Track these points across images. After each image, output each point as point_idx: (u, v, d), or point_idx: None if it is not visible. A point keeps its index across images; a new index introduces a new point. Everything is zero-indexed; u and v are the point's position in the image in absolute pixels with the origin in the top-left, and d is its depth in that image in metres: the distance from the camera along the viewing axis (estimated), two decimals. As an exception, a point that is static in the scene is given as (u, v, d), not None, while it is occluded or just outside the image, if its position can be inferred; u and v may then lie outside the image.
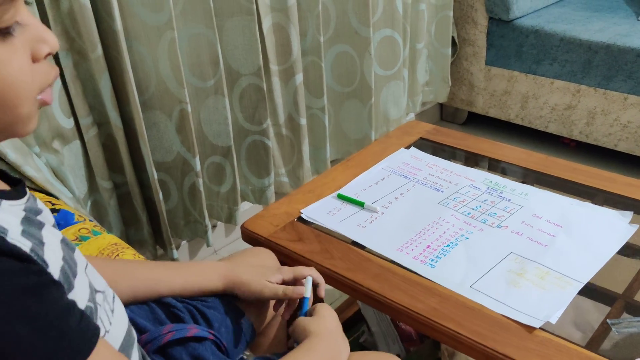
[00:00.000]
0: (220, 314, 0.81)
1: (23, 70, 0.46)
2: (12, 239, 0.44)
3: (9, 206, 0.48)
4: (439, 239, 0.99)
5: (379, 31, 1.83)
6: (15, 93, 0.45)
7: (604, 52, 1.88)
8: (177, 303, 0.79)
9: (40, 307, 0.44)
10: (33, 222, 0.50)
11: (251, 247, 1.02)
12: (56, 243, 0.52)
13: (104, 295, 0.60)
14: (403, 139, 1.36)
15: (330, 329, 0.74)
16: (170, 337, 0.73)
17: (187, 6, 1.33)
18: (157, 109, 1.37)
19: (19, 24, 0.45)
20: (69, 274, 0.51)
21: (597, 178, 1.14)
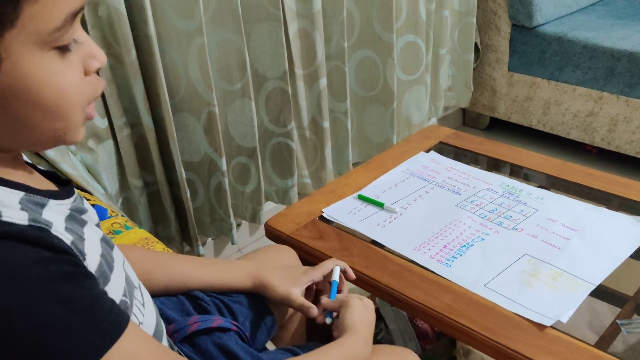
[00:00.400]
0: (246, 309, 0.85)
1: (76, 82, 0.50)
2: (56, 232, 0.49)
3: (55, 205, 0.53)
4: (455, 240, 1.03)
5: (402, 37, 1.86)
6: (68, 102, 0.50)
7: (626, 60, 1.89)
8: (204, 296, 0.83)
9: (74, 292, 0.48)
10: (76, 219, 0.54)
11: (274, 244, 1.06)
12: (96, 240, 0.56)
13: (140, 291, 0.65)
14: (423, 143, 1.39)
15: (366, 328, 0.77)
16: (196, 327, 0.77)
17: (216, 13, 1.38)
18: (187, 111, 1.43)
19: (75, 42, 0.50)
20: (106, 269, 0.56)
21: (612, 184, 1.17)
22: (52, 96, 0.49)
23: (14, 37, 0.45)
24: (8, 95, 0.47)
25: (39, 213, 0.49)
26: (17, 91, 0.47)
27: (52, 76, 0.48)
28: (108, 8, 1.19)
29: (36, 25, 0.46)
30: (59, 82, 0.49)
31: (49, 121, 0.50)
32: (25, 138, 0.51)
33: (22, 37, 0.45)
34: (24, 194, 0.50)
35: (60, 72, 0.49)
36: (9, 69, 0.46)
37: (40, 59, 0.47)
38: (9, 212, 0.47)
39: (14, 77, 0.46)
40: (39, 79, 0.47)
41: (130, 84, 1.29)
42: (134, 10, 1.24)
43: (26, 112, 0.48)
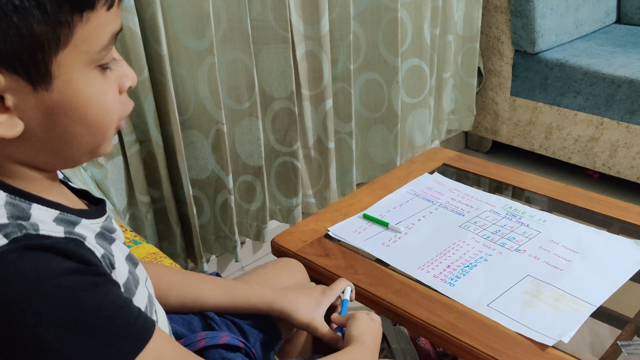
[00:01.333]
0: (255, 331, 0.86)
1: (115, 99, 0.53)
2: (89, 244, 0.52)
3: (88, 224, 0.55)
4: (459, 260, 1.04)
5: (407, 60, 1.90)
6: (109, 118, 0.53)
7: (627, 87, 1.92)
8: (214, 316, 0.84)
9: (103, 299, 0.50)
10: (106, 237, 0.57)
11: (282, 259, 1.08)
12: (122, 258, 0.58)
13: (155, 308, 0.67)
14: (427, 165, 1.42)
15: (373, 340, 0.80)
16: (205, 344, 0.78)
17: (226, 33, 1.42)
18: (195, 128, 1.45)
19: (114, 60, 0.53)
20: (132, 285, 0.58)
21: (613, 207, 1.19)
22: (97, 113, 0.51)
23: (66, 56, 0.48)
24: (58, 112, 0.49)
25: (72, 229, 0.52)
26: (67, 108, 0.49)
27: (98, 94, 0.51)
28: (122, 27, 1.22)
29: (87, 46, 0.48)
30: (103, 100, 0.51)
31: (90, 136, 0.52)
32: (66, 154, 0.53)
33: (73, 57, 0.48)
34: (58, 212, 0.52)
35: (103, 90, 0.51)
36: (61, 87, 0.48)
37: (88, 78, 0.50)
38: (46, 226, 0.49)
39: (65, 95, 0.49)
40: (86, 97, 0.50)
41: (141, 102, 1.31)
42: (147, 30, 1.27)
43: (72, 128, 0.50)
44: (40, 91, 0.47)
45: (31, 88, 0.47)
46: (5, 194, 0.49)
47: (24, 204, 0.50)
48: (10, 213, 0.49)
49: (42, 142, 0.50)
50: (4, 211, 0.48)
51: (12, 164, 0.51)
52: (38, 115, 0.48)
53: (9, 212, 0.49)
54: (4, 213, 0.48)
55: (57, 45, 0.47)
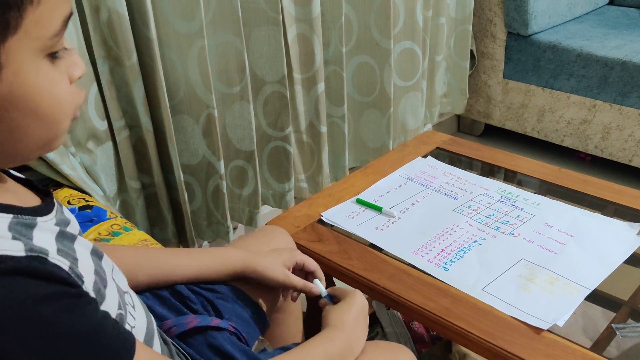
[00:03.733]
0: (230, 304, 0.84)
1: (67, 90, 0.50)
2: (52, 258, 0.48)
3: (43, 223, 0.51)
4: (453, 244, 1.04)
5: (399, 43, 1.88)
6: (63, 110, 0.49)
7: (619, 69, 1.91)
8: (190, 294, 0.82)
9: (80, 325, 0.47)
10: (66, 236, 0.53)
11: (265, 226, 1.06)
12: (87, 255, 0.55)
13: (129, 294, 0.64)
14: (420, 148, 1.41)
15: (350, 321, 0.78)
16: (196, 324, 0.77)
17: (216, 16, 1.39)
18: (185, 113, 1.43)
19: (64, 49, 0.49)
20: (100, 286, 0.55)
21: (607, 190, 1.18)
22: (50, 105, 0.48)
23: (15, 43, 0.44)
24: (6, 106, 0.45)
25: (30, 237, 0.48)
26: (16, 100, 0.45)
27: (49, 85, 0.47)
28: (109, 11, 1.19)
29: (38, 31, 0.45)
30: (55, 91, 0.48)
31: (43, 130, 0.48)
32: (15, 150, 0.49)
33: (24, 43, 0.44)
34: (12, 216, 0.48)
35: (55, 80, 0.48)
36: (10, 78, 0.44)
37: (39, 67, 0.46)
38: (3, 244, 0.45)
39: (14, 86, 0.45)
40: (37, 88, 0.46)
41: (129, 87, 1.29)
42: (135, 13, 1.24)
43: (22, 122, 0.47)
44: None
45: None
46: None
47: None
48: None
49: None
50: None
51: None
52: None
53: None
54: None
55: (5, 30, 0.43)
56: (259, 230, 1.03)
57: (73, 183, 1.19)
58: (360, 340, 0.79)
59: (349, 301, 0.81)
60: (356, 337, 0.78)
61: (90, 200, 1.17)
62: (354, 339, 0.78)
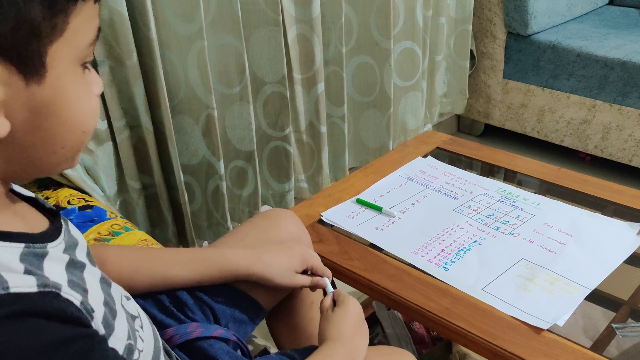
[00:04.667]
0: (229, 309, 0.82)
1: (96, 102, 0.50)
2: (65, 293, 0.46)
3: (53, 251, 0.49)
4: (453, 244, 1.04)
5: (399, 43, 1.88)
6: (93, 122, 0.50)
7: (619, 69, 1.91)
8: (188, 299, 0.80)
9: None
10: (76, 265, 0.52)
11: (269, 210, 0.98)
12: (96, 285, 0.54)
13: (140, 318, 0.63)
14: (420, 148, 1.41)
15: (349, 331, 0.75)
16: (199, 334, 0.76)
17: (216, 17, 1.39)
18: (185, 114, 1.43)
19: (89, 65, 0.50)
20: (110, 318, 0.53)
21: (606, 190, 1.19)
22: (84, 114, 0.48)
23: (59, 48, 0.45)
24: (46, 112, 0.45)
25: (42, 269, 0.46)
26: (56, 106, 0.46)
27: (84, 94, 0.48)
28: (110, 11, 1.19)
29: (78, 39, 0.46)
30: (90, 102, 0.49)
31: (75, 141, 0.48)
32: (44, 161, 0.48)
33: (65, 50, 0.45)
34: (23, 246, 0.46)
35: (87, 91, 0.49)
36: (53, 81, 0.45)
37: (76, 76, 0.47)
38: (15, 280, 0.43)
39: (55, 91, 0.45)
40: (75, 96, 0.47)
41: (130, 87, 1.29)
42: (136, 13, 1.25)
43: (58, 130, 0.47)
44: (31, 85, 0.44)
45: (23, 82, 0.43)
46: None
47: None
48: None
49: (20, 148, 0.46)
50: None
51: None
52: (25, 115, 0.44)
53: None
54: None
55: (52, 34, 0.44)
56: (260, 216, 0.95)
57: (73, 183, 1.19)
58: (361, 350, 0.76)
59: (345, 309, 0.78)
60: (356, 348, 0.75)
61: (90, 200, 1.17)
62: (354, 350, 0.75)
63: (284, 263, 0.82)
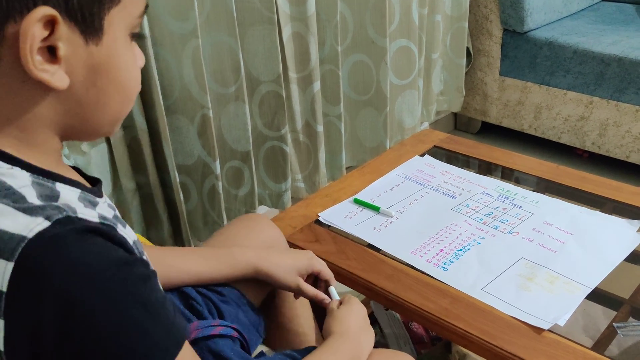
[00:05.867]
0: (234, 309, 0.84)
1: (139, 71, 0.54)
2: (120, 231, 0.51)
3: (102, 204, 0.53)
4: (452, 243, 1.03)
5: (395, 41, 1.87)
6: (137, 88, 0.54)
7: (616, 65, 1.91)
8: (196, 295, 0.81)
9: (151, 295, 0.49)
10: (119, 220, 0.55)
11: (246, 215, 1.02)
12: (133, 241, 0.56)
13: None
14: (417, 147, 1.40)
15: (355, 327, 0.77)
16: (195, 335, 0.76)
17: (211, 16, 1.38)
18: (180, 113, 1.42)
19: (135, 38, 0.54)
20: None
21: (605, 187, 1.18)
22: (132, 79, 0.52)
23: (116, 14, 0.49)
24: (101, 71, 0.49)
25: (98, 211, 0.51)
26: (109, 67, 0.50)
27: (132, 61, 0.52)
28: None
29: (132, 7, 0.50)
30: (135, 69, 0.53)
31: (120, 103, 0.53)
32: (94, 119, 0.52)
33: (121, 16, 0.49)
34: (80, 191, 0.51)
35: (134, 59, 0.53)
36: (109, 44, 0.49)
37: (126, 42, 0.51)
38: (80, 209, 0.48)
39: (110, 53, 0.49)
40: (125, 61, 0.51)
41: (124, 87, 1.28)
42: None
43: (109, 89, 0.51)
44: (90, 45, 0.48)
45: (83, 41, 0.48)
46: (29, 173, 0.48)
47: (49, 183, 0.49)
48: (39, 193, 0.47)
49: (77, 103, 0.50)
50: (33, 191, 0.47)
51: (40, 128, 0.50)
52: (83, 71, 0.49)
53: (38, 192, 0.47)
54: (33, 193, 0.46)
55: (111, 1, 0.48)
56: (239, 220, 0.99)
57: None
58: (366, 347, 0.77)
59: (350, 307, 0.80)
60: (361, 344, 0.77)
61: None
62: (359, 346, 0.76)
63: (290, 264, 0.85)
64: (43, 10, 0.44)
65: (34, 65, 0.45)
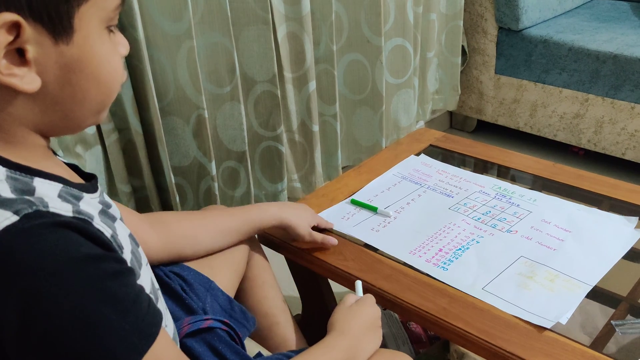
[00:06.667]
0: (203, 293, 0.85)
1: (121, 62, 0.54)
2: (97, 224, 0.51)
3: (89, 199, 0.54)
4: (450, 243, 1.02)
5: (390, 40, 1.87)
6: (118, 79, 0.54)
7: (611, 62, 1.91)
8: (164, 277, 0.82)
9: (120, 290, 0.49)
10: (108, 215, 0.56)
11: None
12: (125, 237, 0.57)
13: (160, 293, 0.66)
14: (413, 146, 1.39)
15: (357, 327, 0.76)
16: (188, 330, 0.76)
17: (205, 16, 1.37)
18: (175, 114, 1.41)
19: (115, 26, 0.54)
20: (136, 265, 0.57)
21: (602, 185, 1.17)
22: (109, 72, 0.52)
23: (87, 10, 0.48)
24: (74, 68, 0.49)
25: (78, 206, 0.51)
26: (82, 64, 0.50)
27: (109, 54, 0.52)
28: None
29: (104, 2, 0.50)
30: (114, 60, 0.53)
31: (100, 95, 0.53)
32: (74, 114, 0.53)
33: (92, 12, 0.49)
34: (62, 186, 0.51)
35: (112, 51, 0.53)
36: (80, 42, 0.49)
37: (101, 36, 0.51)
38: (54, 203, 0.48)
39: (82, 50, 0.49)
40: (100, 55, 0.51)
41: (118, 88, 1.27)
42: (122, 14, 1.22)
43: (85, 85, 0.51)
44: (60, 45, 0.48)
45: (52, 41, 0.47)
46: (5, 168, 0.48)
47: (26, 178, 0.49)
48: (14, 187, 0.48)
49: (53, 101, 0.50)
50: (7, 186, 0.47)
51: (16, 127, 0.50)
52: (55, 71, 0.49)
53: (12, 186, 0.48)
54: (6, 187, 0.47)
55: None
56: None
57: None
58: (367, 349, 0.76)
59: (360, 308, 0.80)
60: (361, 345, 0.76)
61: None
62: (358, 346, 0.75)
63: (305, 217, 0.99)
64: (3, 17, 0.44)
65: (0, 72, 0.45)
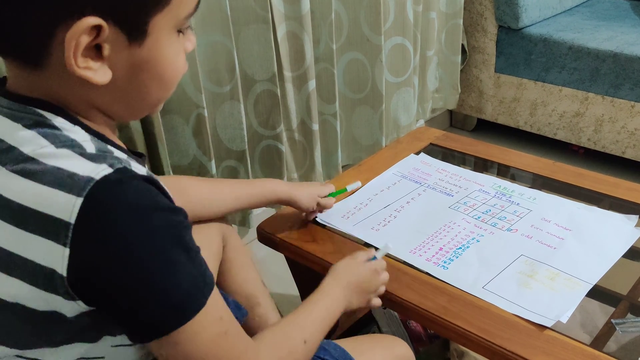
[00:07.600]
0: None
1: (184, 61, 0.59)
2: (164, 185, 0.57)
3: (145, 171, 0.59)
4: (450, 242, 1.02)
5: (390, 39, 1.86)
6: (178, 78, 0.59)
7: (611, 61, 1.91)
8: None
9: (190, 241, 0.56)
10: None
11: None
12: None
13: None
14: (413, 145, 1.39)
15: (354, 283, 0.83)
16: None
17: (205, 15, 1.37)
18: (175, 113, 1.41)
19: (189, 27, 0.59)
20: None
21: (602, 183, 1.17)
22: (172, 72, 0.57)
23: (162, 18, 0.53)
24: (141, 67, 0.55)
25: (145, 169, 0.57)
26: (150, 64, 0.55)
27: (174, 55, 0.57)
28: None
29: (179, 11, 0.55)
30: (178, 61, 0.58)
31: (160, 92, 0.58)
32: (136, 105, 0.59)
33: (166, 19, 0.54)
34: (127, 156, 0.56)
35: (178, 52, 0.58)
36: (151, 45, 0.54)
37: (170, 40, 0.56)
38: (133, 164, 0.54)
39: (151, 52, 0.54)
40: (167, 57, 0.56)
41: (118, 87, 1.27)
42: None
43: (149, 82, 0.56)
44: (133, 46, 0.53)
45: (127, 43, 0.53)
46: (87, 133, 0.55)
47: (103, 143, 0.55)
48: (97, 148, 0.54)
49: (120, 93, 0.56)
50: (92, 145, 0.54)
51: (90, 108, 0.56)
52: (125, 68, 0.54)
53: (97, 147, 0.54)
54: (92, 147, 0.53)
55: (157, 6, 0.53)
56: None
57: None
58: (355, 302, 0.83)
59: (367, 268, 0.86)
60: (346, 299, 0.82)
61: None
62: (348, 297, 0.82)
63: (310, 191, 1.04)
64: (90, 21, 0.49)
65: (77, 66, 0.51)
